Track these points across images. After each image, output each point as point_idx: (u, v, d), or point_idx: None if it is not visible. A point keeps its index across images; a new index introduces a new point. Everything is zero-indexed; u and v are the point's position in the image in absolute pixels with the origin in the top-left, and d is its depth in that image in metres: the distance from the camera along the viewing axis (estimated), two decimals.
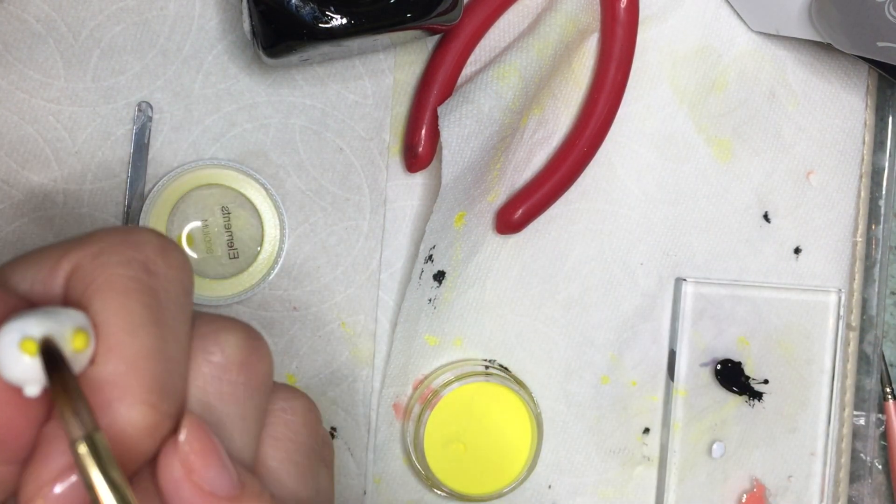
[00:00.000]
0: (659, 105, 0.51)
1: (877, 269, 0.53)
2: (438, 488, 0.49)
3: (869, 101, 0.52)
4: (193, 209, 0.46)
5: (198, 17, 0.46)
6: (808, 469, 0.52)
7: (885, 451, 0.54)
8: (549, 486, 0.51)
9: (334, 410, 0.49)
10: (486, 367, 0.49)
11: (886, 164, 0.53)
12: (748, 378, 0.51)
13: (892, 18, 0.43)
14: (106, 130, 0.46)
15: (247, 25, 0.42)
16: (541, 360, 0.50)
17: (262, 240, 0.47)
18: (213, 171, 0.46)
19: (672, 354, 0.51)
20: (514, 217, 0.48)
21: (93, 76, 0.46)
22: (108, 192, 0.46)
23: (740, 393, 0.51)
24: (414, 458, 0.48)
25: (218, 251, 0.47)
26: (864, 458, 0.53)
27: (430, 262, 0.48)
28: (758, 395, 0.51)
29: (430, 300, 0.48)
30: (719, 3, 0.51)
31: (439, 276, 0.48)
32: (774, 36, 0.51)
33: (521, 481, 0.49)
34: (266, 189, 0.47)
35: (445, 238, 0.48)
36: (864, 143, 0.52)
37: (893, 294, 0.55)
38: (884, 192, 0.53)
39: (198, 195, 0.46)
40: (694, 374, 0.51)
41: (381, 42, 0.44)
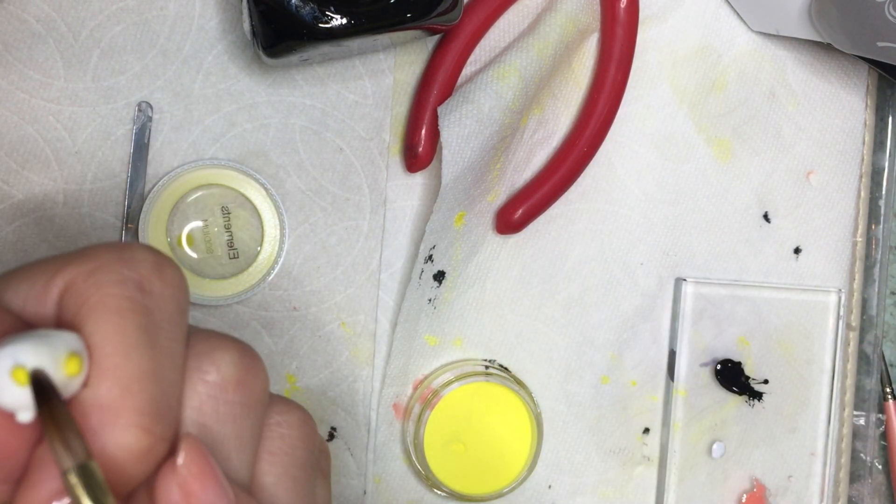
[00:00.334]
0: (659, 105, 0.51)
1: (877, 269, 0.53)
2: (438, 488, 0.49)
3: (869, 101, 0.52)
4: (193, 209, 0.46)
5: (198, 17, 0.46)
6: (808, 469, 0.52)
7: (885, 451, 0.54)
8: (549, 486, 0.51)
9: (334, 410, 0.49)
10: (486, 367, 0.49)
11: (886, 164, 0.53)
12: (748, 378, 0.51)
13: (892, 18, 0.43)
14: (106, 130, 0.46)
15: (247, 25, 0.42)
16: (541, 360, 0.50)
17: (262, 240, 0.47)
18: (213, 171, 0.46)
19: (672, 354, 0.51)
20: (514, 217, 0.48)
21: (93, 76, 0.46)
22: (108, 192, 0.46)
23: (740, 393, 0.51)
24: (414, 458, 0.48)
25: (218, 251, 0.47)
26: (864, 458, 0.53)
27: (430, 262, 0.48)
28: (758, 395, 0.51)
29: (430, 300, 0.48)
30: (719, 3, 0.51)
31: (439, 276, 0.48)
32: (774, 36, 0.51)
33: (521, 481, 0.49)
34: (266, 189, 0.47)
35: (445, 238, 0.48)
36: (864, 143, 0.52)
37: (893, 294, 0.55)
38: (884, 192, 0.53)
39: (198, 195, 0.46)
40: (694, 374, 0.51)
41: (381, 42, 0.44)
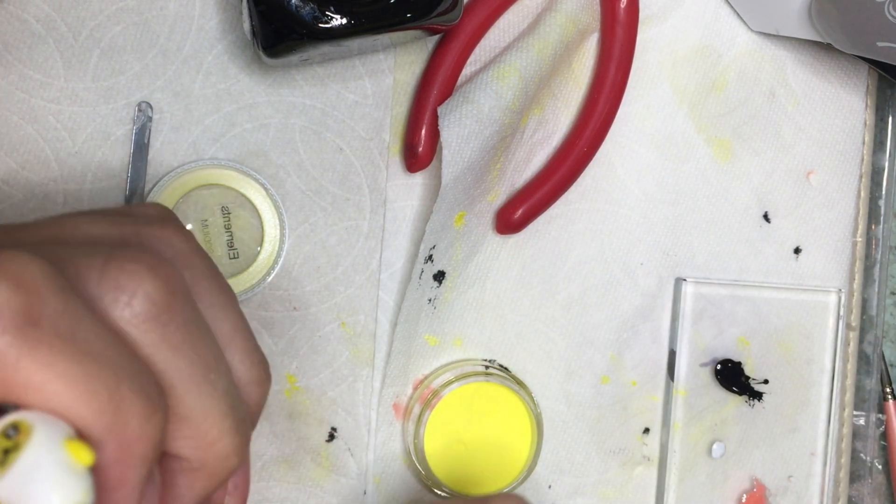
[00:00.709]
0: (659, 105, 0.51)
1: (877, 269, 0.53)
2: (438, 488, 0.49)
3: (869, 101, 0.52)
4: (193, 209, 0.46)
5: (198, 17, 0.46)
6: (808, 469, 0.52)
7: (885, 451, 0.54)
8: (549, 487, 0.51)
9: (334, 410, 0.49)
10: (486, 367, 0.49)
11: (886, 164, 0.53)
12: (748, 378, 0.51)
13: (892, 18, 0.43)
14: (106, 130, 0.46)
15: (247, 25, 0.42)
16: (541, 360, 0.50)
17: (262, 240, 0.47)
18: (213, 171, 0.46)
19: (672, 354, 0.51)
20: (514, 217, 0.48)
21: (93, 76, 0.46)
22: (108, 192, 0.46)
23: (740, 393, 0.51)
24: (414, 458, 0.48)
25: (218, 251, 0.47)
26: (864, 458, 0.53)
27: (430, 262, 0.48)
28: (758, 395, 0.51)
29: (430, 300, 0.48)
30: (719, 3, 0.51)
31: (439, 276, 0.48)
32: (774, 36, 0.51)
33: (521, 481, 0.49)
34: (266, 189, 0.47)
35: (445, 238, 0.48)
36: (864, 143, 0.52)
37: (893, 294, 0.55)
38: (884, 192, 0.53)
39: (198, 195, 0.46)
40: (694, 374, 0.51)
41: (381, 42, 0.44)
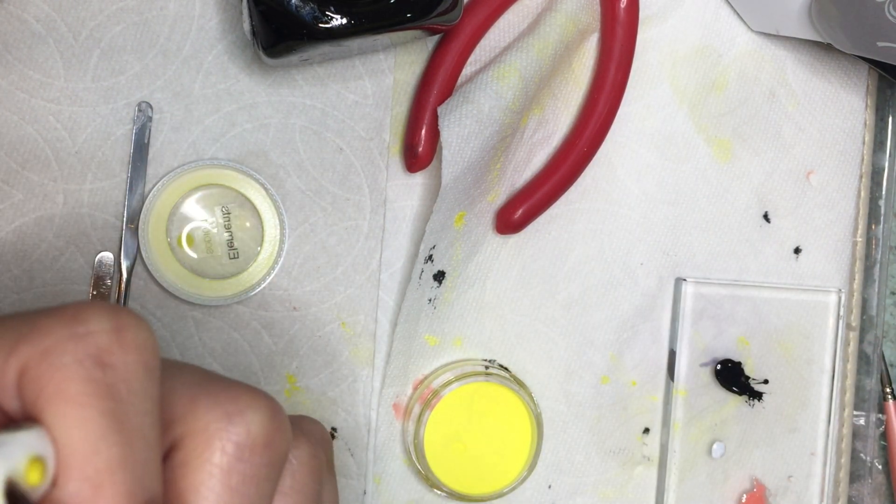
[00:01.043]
0: (659, 105, 0.51)
1: (877, 269, 0.53)
2: (438, 488, 0.49)
3: (869, 101, 0.52)
4: (193, 209, 0.46)
5: (198, 17, 0.46)
6: (808, 469, 0.52)
7: (885, 451, 0.54)
8: (549, 486, 0.51)
9: (334, 410, 0.49)
10: (486, 367, 0.49)
11: (886, 164, 0.53)
12: (748, 378, 0.51)
13: (892, 18, 0.43)
14: (106, 130, 0.46)
15: (247, 25, 0.42)
16: (541, 360, 0.50)
17: (262, 240, 0.47)
18: (213, 171, 0.46)
19: (672, 354, 0.51)
20: (514, 217, 0.48)
21: (93, 76, 0.46)
22: (108, 192, 0.46)
23: (740, 393, 0.51)
24: (414, 458, 0.48)
25: (218, 251, 0.47)
26: (864, 458, 0.53)
27: (430, 262, 0.48)
28: (758, 395, 0.51)
29: (430, 300, 0.48)
30: (719, 3, 0.51)
31: (439, 276, 0.48)
32: (774, 36, 0.51)
33: (521, 481, 0.49)
34: (266, 189, 0.47)
35: (445, 238, 0.48)
36: (864, 143, 0.52)
37: (893, 294, 0.55)
38: (884, 192, 0.53)
39: (198, 195, 0.46)
40: (694, 374, 0.51)
41: (381, 42, 0.44)
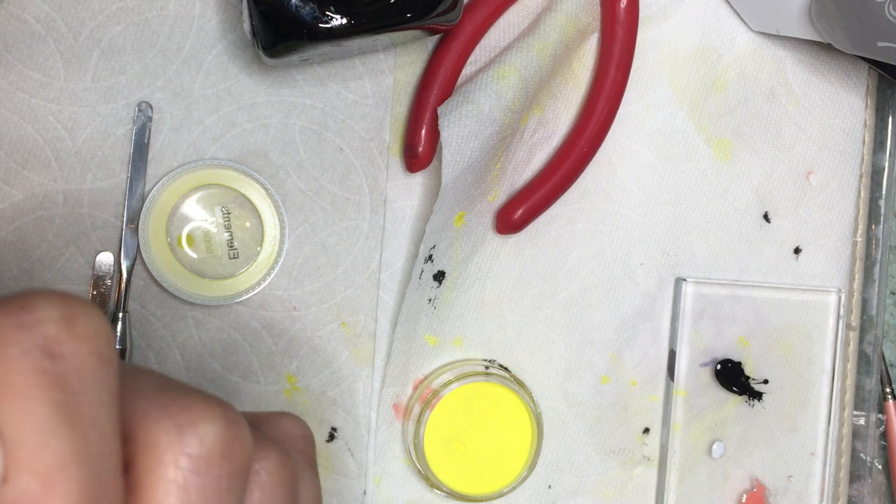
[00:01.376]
0: (659, 105, 0.51)
1: (877, 269, 0.53)
2: (438, 488, 0.49)
3: (869, 101, 0.52)
4: (193, 209, 0.46)
5: (198, 17, 0.46)
6: (808, 469, 0.52)
7: (885, 451, 0.54)
8: (549, 486, 0.51)
9: (334, 410, 0.49)
10: (486, 367, 0.49)
11: (886, 164, 0.53)
12: (748, 378, 0.51)
13: (892, 18, 0.43)
14: (106, 130, 0.46)
15: (247, 25, 0.42)
16: (541, 360, 0.50)
17: (262, 240, 0.47)
18: (213, 171, 0.46)
19: (672, 354, 0.51)
20: (514, 217, 0.48)
21: (93, 76, 0.46)
22: (108, 192, 0.46)
23: (740, 393, 0.51)
24: (414, 458, 0.48)
25: (218, 251, 0.47)
26: (864, 458, 0.53)
27: (430, 262, 0.48)
28: (758, 395, 0.51)
29: (430, 300, 0.48)
30: (719, 3, 0.51)
31: (439, 276, 0.48)
32: (774, 36, 0.51)
33: (521, 481, 0.49)
34: (266, 189, 0.47)
35: (445, 238, 0.48)
36: (864, 143, 0.52)
37: (893, 294, 0.55)
38: (884, 192, 0.53)
39: (198, 195, 0.46)
40: (694, 374, 0.51)
41: (381, 42, 0.44)
